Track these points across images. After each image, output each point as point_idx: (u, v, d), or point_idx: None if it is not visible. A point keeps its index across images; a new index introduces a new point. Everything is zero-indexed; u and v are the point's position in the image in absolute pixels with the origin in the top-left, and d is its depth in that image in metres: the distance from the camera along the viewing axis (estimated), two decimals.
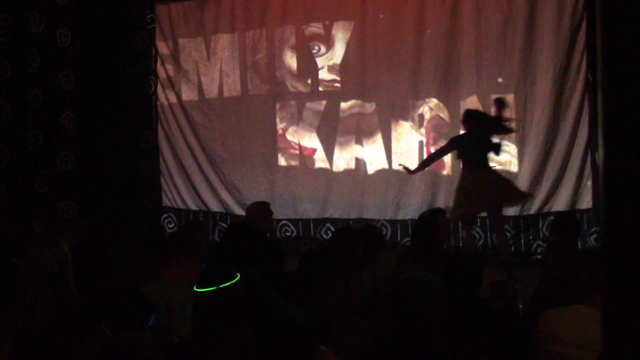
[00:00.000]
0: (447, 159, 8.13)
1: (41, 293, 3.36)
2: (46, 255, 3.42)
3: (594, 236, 7.67)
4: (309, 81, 8.79)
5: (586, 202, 7.82)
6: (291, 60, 8.84)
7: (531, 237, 7.93)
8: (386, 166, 8.49)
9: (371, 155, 8.55)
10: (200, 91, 9.26)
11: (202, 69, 9.24)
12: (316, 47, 8.70)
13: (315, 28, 8.70)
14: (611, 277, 1.52)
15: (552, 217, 7.74)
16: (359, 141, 8.59)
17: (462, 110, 7.96)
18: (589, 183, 7.79)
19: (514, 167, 8.01)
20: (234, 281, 2.79)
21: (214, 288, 2.73)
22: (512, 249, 7.94)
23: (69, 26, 8.22)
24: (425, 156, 8.19)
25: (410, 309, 2.75)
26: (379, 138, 8.49)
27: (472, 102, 8.03)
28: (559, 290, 3.84)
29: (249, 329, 2.87)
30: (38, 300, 3.36)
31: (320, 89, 8.74)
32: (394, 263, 5.03)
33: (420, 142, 8.35)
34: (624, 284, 1.48)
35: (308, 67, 8.76)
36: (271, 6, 8.79)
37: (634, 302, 1.46)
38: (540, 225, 7.93)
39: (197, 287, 2.80)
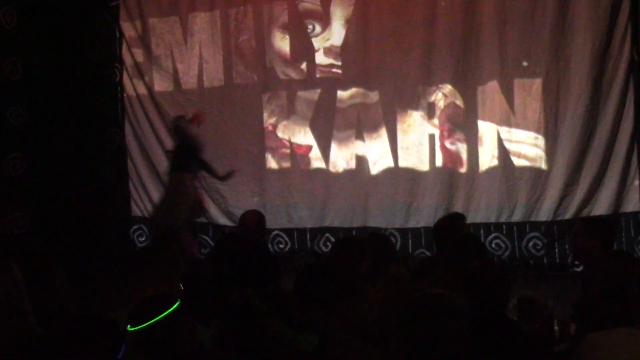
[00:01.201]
0: (465, 154, 8.11)
1: None
2: None
3: None
4: (303, 66, 8.73)
5: (632, 204, 7.73)
6: (282, 42, 8.78)
7: (567, 247, 7.82)
8: (392, 164, 8.43)
9: (375, 152, 8.49)
10: (176, 80, 9.19)
11: (177, 54, 9.17)
12: (310, 26, 8.64)
13: (309, 3, 8.63)
14: None
15: None
16: (360, 136, 8.53)
17: (481, 97, 7.95)
18: (637, 182, 7.72)
19: (543, 164, 7.94)
20: (170, 310, 2.74)
21: (152, 321, 2.69)
22: (545, 260, 7.91)
23: (15, 4, 8.11)
24: (437, 151, 8.18)
25: (427, 331, 2.73)
26: (383, 132, 8.44)
27: (492, 88, 7.98)
28: (605, 310, 3.77)
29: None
30: None
31: (317, 75, 8.67)
32: (407, 278, 5.05)
33: (432, 136, 8.28)
34: None
35: (302, 49, 8.70)
36: None
37: None
38: None
39: (130, 327, 2.74)
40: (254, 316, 3.64)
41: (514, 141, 7.99)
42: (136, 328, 2.71)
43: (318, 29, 8.63)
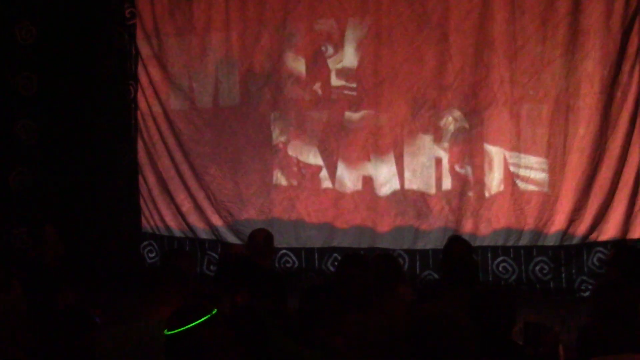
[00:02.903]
0: (473, 178, 8.12)
1: None
2: None
3: None
4: (317, 88, 8.71)
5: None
6: (296, 63, 8.79)
7: (574, 271, 7.84)
8: (400, 187, 8.41)
9: (383, 174, 8.47)
10: (190, 99, 9.20)
11: (193, 73, 9.18)
12: (324, 48, 8.66)
13: (324, 26, 8.65)
14: None
15: (599, 248, 7.74)
16: (369, 158, 8.51)
17: (490, 122, 7.97)
18: None
19: (551, 190, 7.93)
20: (209, 316, 2.78)
21: (189, 326, 2.73)
22: (551, 284, 7.89)
23: (32, 21, 8.17)
24: (446, 175, 8.19)
25: (432, 349, 2.74)
26: (391, 154, 8.42)
27: (501, 113, 8.01)
28: (612, 336, 3.78)
29: None
30: None
31: (329, 96, 8.68)
32: (414, 299, 5.07)
33: (440, 159, 8.26)
34: None
35: (317, 71, 8.69)
36: (267, 6, 8.77)
37: None
38: (585, 258, 7.83)
39: (167, 331, 2.79)
40: (258, 330, 3.64)
41: (522, 166, 7.97)
42: (172, 332, 2.75)
43: (331, 50, 8.64)
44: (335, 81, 8.65)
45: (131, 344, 3.51)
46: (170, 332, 2.77)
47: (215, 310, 2.81)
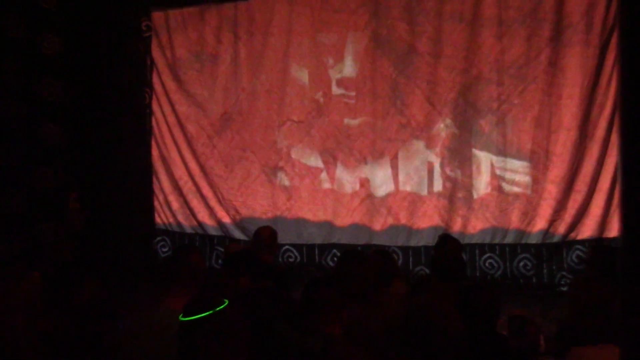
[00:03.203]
0: (461, 179, 8.18)
1: (8, 326, 3.37)
2: (16, 289, 3.44)
3: None
4: (319, 96, 8.79)
5: (616, 229, 7.67)
6: (300, 73, 8.86)
7: (554, 267, 7.89)
8: (395, 188, 8.47)
9: (379, 176, 8.53)
10: (201, 105, 9.30)
11: (203, 82, 9.27)
12: (325, 59, 8.74)
13: (325, 39, 8.73)
14: (629, 311, 1.56)
15: (578, 246, 7.79)
16: (366, 161, 8.58)
17: (478, 129, 8.01)
18: (619, 211, 7.69)
19: (534, 192, 7.98)
20: (222, 307, 2.79)
21: (203, 315, 2.74)
22: (534, 280, 7.94)
23: (55, 32, 8.26)
24: (438, 178, 8.25)
25: (423, 337, 2.78)
26: (387, 158, 8.49)
27: (489, 121, 8.07)
28: (589, 328, 3.83)
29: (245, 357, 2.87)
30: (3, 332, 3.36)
31: (331, 104, 8.75)
32: (408, 293, 5.04)
33: (432, 163, 8.33)
34: None
35: (319, 80, 8.77)
36: (278, 13, 8.84)
37: None
38: (565, 255, 7.89)
39: (182, 317, 2.80)
40: (260, 318, 3.68)
41: (507, 170, 8.05)
42: (186, 319, 2.76)
43: (331, 61, 8.72)
44: (335, 90, 8.71)
45: (147, 332, 3.52)
46: (184, 319, 2.79)
47: (227, 302, 2.82)
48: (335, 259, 8.47)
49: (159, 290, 3.82)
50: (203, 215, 9.34)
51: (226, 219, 9.24)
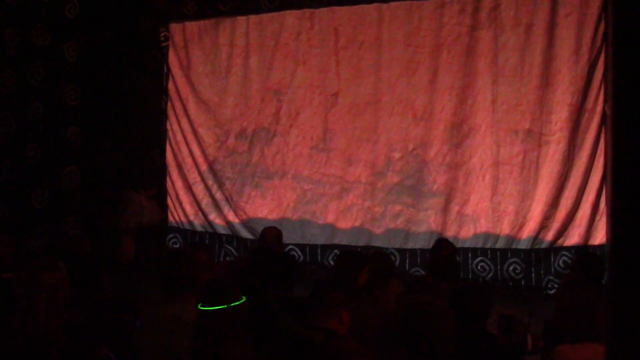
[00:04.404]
0: (458, 189, 8.16)
1: (36, 315, 3.35)
2: (45, 278, 3.41)
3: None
4: (325, 102, 8.77)
5: (600, 237, 7.73)
6: (306, 80, 8.84)
7: (542, 272, 7.89)
8: (394, 195, 8.43)
9: (380, 184, 8.49)
10: (213, 111, 9.31)
11: (217, 91, 9.29)
12: (330, 70, 8.72)
13: (330, 49, 8.71)
14: (615, 314, 1.55)
15: (565, 252, 7.80)
16: (369, 168, 8.55)
17: (474, 141, 8.03)
18: (604, 218, 7.74)
19: (525, 200, 7.95)
20: (241, 301, 2.81)
21: (225, 306, 2.74)
22: (523, 282, 7.93)
23: (78, 40, 8.30)
24: (432, 185, 8.25)
25: (418, 331, 2.79)
26: (388, 166, 8.46)
27: (484, 133, 8.06)
28: (573, 328, 3.85)
29: (253, 351, 2.88)
30: (31, 321, 3.35)
31: (335, 112, 8.73)
32: (404, 291, 5.13)
33: (429, 172, 8.28)
34: (629, 320, 1.50)
35: (325, 87, 8.75)
36: (286, 27, 8.86)
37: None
38: (552, 260, 7.88)
39: (202, 305, 2.80)
40: (265, 312, 3.72)
41: (500, 180, 8.03)
42: (206, 309, 2.77)
43: (335, 70, 8.72)
44: (340, 99, 8.71)
45: (163, 326, 3.53)
46: (203, 308, 2.78)
47: (244, 299, 2.82)
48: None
49: (164, 289, 3.80)
50: (213, 215, 9.36)
51: (234, 219, 9.25)
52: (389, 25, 8.42)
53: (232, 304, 2.76)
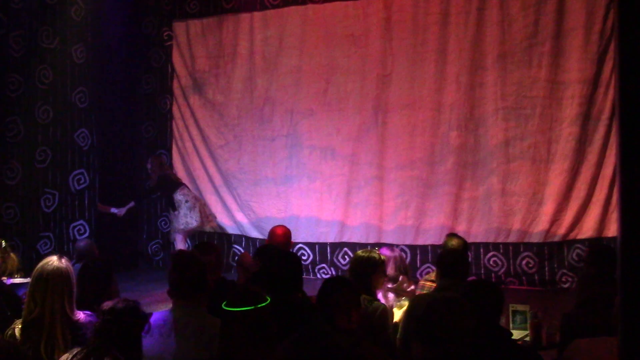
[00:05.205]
0: (469, 182, 8.15)
1: (45, 317, 3.40)
2: (54, 276, 3.45)
3: None
4: (332, 102, 8.76)
5: (613, 229, 7.64)
6: (310, 82, 8.84)
7: (556, 265, 7.87)
8: (404, 189, 8.43)
9: (390, 178, 8.49)
10: (219, 111, 9.33)
11: (221, 89, 9.30)
12: (338, 70, 8.71)
13: (335, 51, 8.71)
14: (628, 307, 1.57)
15: (578, 245, 7.77)
16: (378, 163, 8.55)
17: (484, 131, 8.03)
18: (617, 212, 7.63)
19: (537, 193, 7.94)
20: (267, 303, 2.80)
21: (252, 307, 2.74)
22: (536, 277, 7.92)
23: (85, 42, 8.32)
24: (443, 180, 8.25)
25: (442, 330, 2.82)
26: (397, 161, 8.46)
27: (494, 124, 8.04)
28: (592, 321, 3.85)
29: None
30: (41, 324, 3.40)
31: (343, 111, 8.73)
32: (414, 289, 5.09)
33: (438, 167, 8.28)
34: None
35: (331, 87, 8.74)
36: (291, 23, 8.86)
37: None
38: (566, 253, 7.85)
39: (225, 306, 2.80)
40: (297, 311, 3.76)
41: (511, 173, 8.02)
42: (230, 309, 2.76)
43: (341, 72, 8.72)
44: (349, 98, 8.71)
45: (172, 329, 3.49)
46: (227, 308, 2.78)
47: (269, 300, 2.83)
48: (347, 257, 8.52)
49: (171, 291, 3.75)
50: (221, 215, 9.36)
51: (243, 219, 9.27)
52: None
53: (259, 305, 2.75)
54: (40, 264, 3.52)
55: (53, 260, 3.51)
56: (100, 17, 8.63)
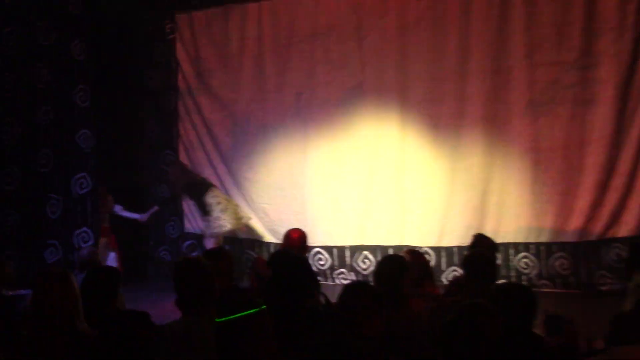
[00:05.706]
0: (496, 179, 7.88)
1: (48, 327, 3.43)
2: (57, 291, 3.49)
3: None
4: (342, 99, 8.53)
5: None
6: (323, 77, 8.62)
7: (593, 266, 7.58)
8: (427, 188, 8.17)
9: (411, 175, 8.24)
10: (226, 106, 9.12)
11: (228, 85, 9.09)
12: (347, 65, 8.47)
13: (345, 45, 8.48)
14: None
15: (617, 244, 7.48)
16: (396, 159, 8.31)
17: (510, 128, 7.79)
18: None
19: (569, 188, 7.67)
20: (258, 309, 2.80)
21: (237, 315, 2.76)
22: (571, 279, 7.66)
23: (84, 37, 8.10)
24: (468, 176, 8.01)
25: (470, 338, 2.86)
26: (419, 159, 8.23)
27: (521, 119, 7.77)
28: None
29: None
30: (44, 334, 3.42)
31: (354, 109, 8.50)
32: (440, 294, 5.06)
33: (462, 161, 8.06)
34: None
35: (342, 84, 8.51)
36: (302, 12, 8.64)
37: None
38: (603, 253, 7.56)
39: (218, 318, 2.80)
40: (315, 316, 3.83)
41: (541, 166, 7.73)
42: (223, 319, 2.77)
43: (352, 67, 8.49)
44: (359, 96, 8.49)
45: (183, 337, 3.51)
46: (219, 320, 2.79)
47: (264, 306, 2.83)
48: (367, 260, 8.36)
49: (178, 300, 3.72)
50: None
51: (256, 222, 9.05)
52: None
53: (248, 312, 2.76)
54: None
55: None
56: (100, 10, 8.46)
